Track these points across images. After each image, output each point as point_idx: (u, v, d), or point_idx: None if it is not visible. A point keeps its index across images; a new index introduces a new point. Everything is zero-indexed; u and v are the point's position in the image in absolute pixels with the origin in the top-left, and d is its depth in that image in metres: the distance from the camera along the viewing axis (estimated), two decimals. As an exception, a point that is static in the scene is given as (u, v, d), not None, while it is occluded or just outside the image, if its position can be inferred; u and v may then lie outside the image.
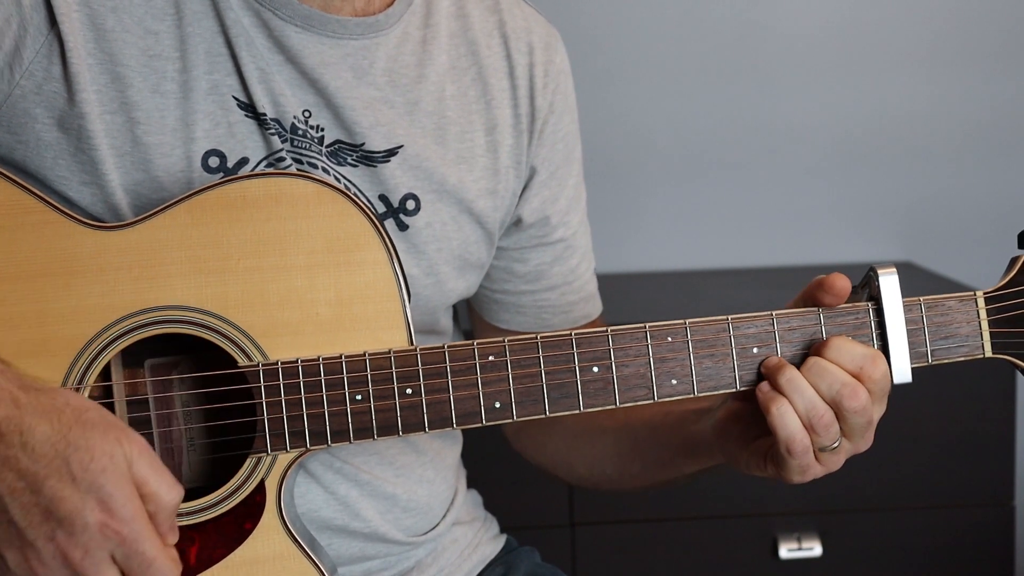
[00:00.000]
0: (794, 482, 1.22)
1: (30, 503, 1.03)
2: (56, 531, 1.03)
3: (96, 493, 1.03)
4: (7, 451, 1.04)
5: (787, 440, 1.17)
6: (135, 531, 1.05)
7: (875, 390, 1.19)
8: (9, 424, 1.04)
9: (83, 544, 1.03)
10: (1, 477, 1.04)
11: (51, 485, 1.03)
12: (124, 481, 1.05)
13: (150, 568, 1.06)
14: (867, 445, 1.22)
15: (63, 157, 1.22)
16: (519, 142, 1.42)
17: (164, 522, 1.08)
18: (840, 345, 1.18)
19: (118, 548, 1.05)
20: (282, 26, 1.28)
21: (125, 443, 1.05)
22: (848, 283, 1.20)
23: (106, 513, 1.03)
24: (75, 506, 1.03)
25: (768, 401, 1.18)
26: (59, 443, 1.04)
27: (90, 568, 1.04)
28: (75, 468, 1.03)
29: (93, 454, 1.04)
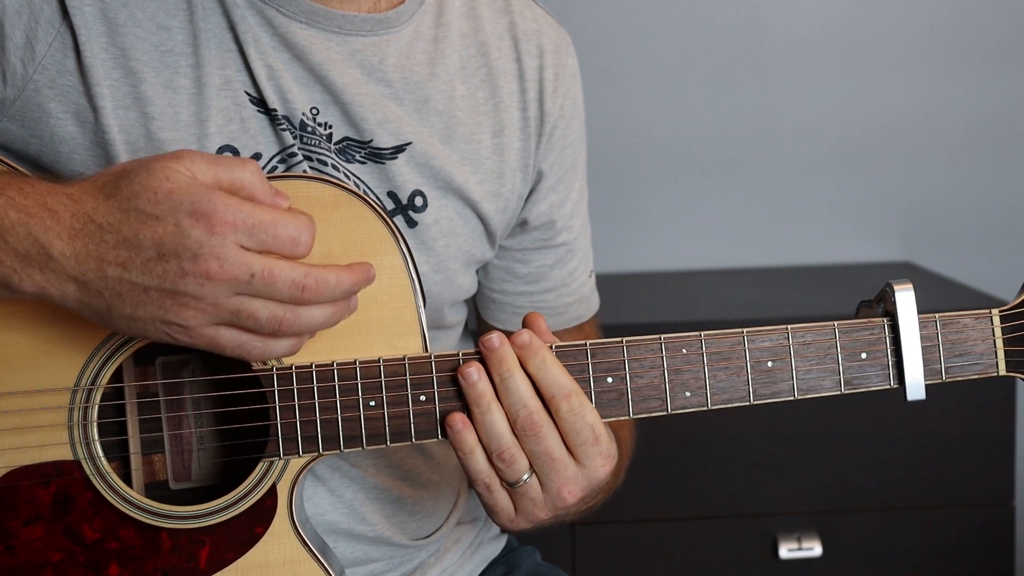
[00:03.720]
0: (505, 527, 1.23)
1: (143, 261, 1.03)
2: (182, 263, 1.03)
3: (182, 212, 1.02)
4: (92, 241, 1.04)
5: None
6: (236, 212, 1.03)
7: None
8: (77, 219, 1.05)
9: (209, 255, 1.03)
10: (106, 261, 1.04)
11: (144, 235, 1.03)
12: (194, 186, 1.03)
13: (277, 228, 1.05)
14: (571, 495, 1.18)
15: (77, 152, 1.22)
16: (527, 145, 1.42)
17: (264, 194, 1.07)
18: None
19: (237, 236, 1.03)
20: (287, 23, 1.28)
21: (172, 162, 1.05)
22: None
23: (204, 219, 1.02)
24: (173, 233, 1.02)
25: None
26: (122, 202, 1.04)
27: (234, 267, 1.03)
28: (149, 208, 1.03)
29: (153, 188, 1.03)
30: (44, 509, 1.16)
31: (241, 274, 1.03)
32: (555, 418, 1.15)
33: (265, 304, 1.06)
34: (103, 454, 1.16)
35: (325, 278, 1.07)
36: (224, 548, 1.17)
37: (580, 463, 1.16)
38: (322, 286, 1.07)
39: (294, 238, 1.06)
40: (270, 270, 1.04)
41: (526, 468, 1.16)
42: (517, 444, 1.15)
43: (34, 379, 1.15)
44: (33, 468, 1.16)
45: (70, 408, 1.16)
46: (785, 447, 2.30)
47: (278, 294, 1.05)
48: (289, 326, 1.07)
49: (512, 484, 1.16)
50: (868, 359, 1.19)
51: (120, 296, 1.05)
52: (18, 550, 1.16)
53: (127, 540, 1.17)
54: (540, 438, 1.14)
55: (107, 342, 1.16)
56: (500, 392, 1.15)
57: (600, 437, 1.16)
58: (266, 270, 1.04)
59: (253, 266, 1.04)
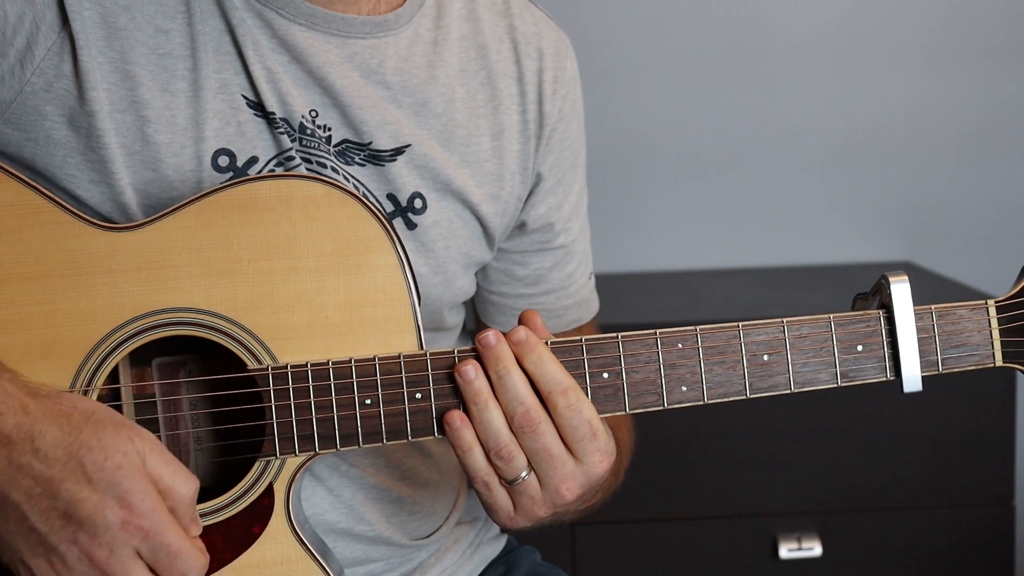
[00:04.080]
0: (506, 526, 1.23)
1: (49, 508, 1.03)
2: (78, 533, 1.03)
3: (114, 491, 1.03)
4: (20, 458, 1.04)
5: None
6: (156, 523, 1.05)
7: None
8: (20, 432, 1.04)
9: (107, 543, 1.03)
10: (18, 484, 1.04)
11: (68, 488, 1.03)
12: (140, 476, 1.04)
13: (177, 558, 1.06)
14: (570, 493, 1.18)
15: (72, 155, 1.22)
16: (526, 148, 1.41)
17: (185, 514, 1.08)
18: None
19: (142, 543, 1.05)
20: (286, 25, 1.28)
21: (136, 440, 1.05)
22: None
23: (126, 510, 1.03)
24: (94, 506, 1.03)
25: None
26: (71, 446, 1.04)
27: (117, 567, 1.04)
28: (90, 469, 1.03)
29: (106, 453, 1.04)
30: (40, 511, 1.16)
31: (119, 574, 1.05)
32: (552, 414, 1.15)
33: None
34: (100, 455, 1.16)
35: None
36: (221, 548, 1.17)
37: (578, 459, 1.16)
38: None
39: (183, 573, 1.08)
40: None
41: (524, 465, 1.16)
42: (515, 441, 1.15)
43: (30, 381, 1.15)
44: (30, 469, 1.16)
45: (66, 409, 1.15)
46: (785, 447, 2.29)
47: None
48: None
49: (511, 482, 1.16)
50: (864, 351, 1.19)
51: (6, 517, 1.05)
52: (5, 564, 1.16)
53: (124, 540, 1.16)
54: (538, 435, 1.14)
55: (103, 343, 1.15)
56: (497, 389, 1.15)
57: (598, 433, 1.16)
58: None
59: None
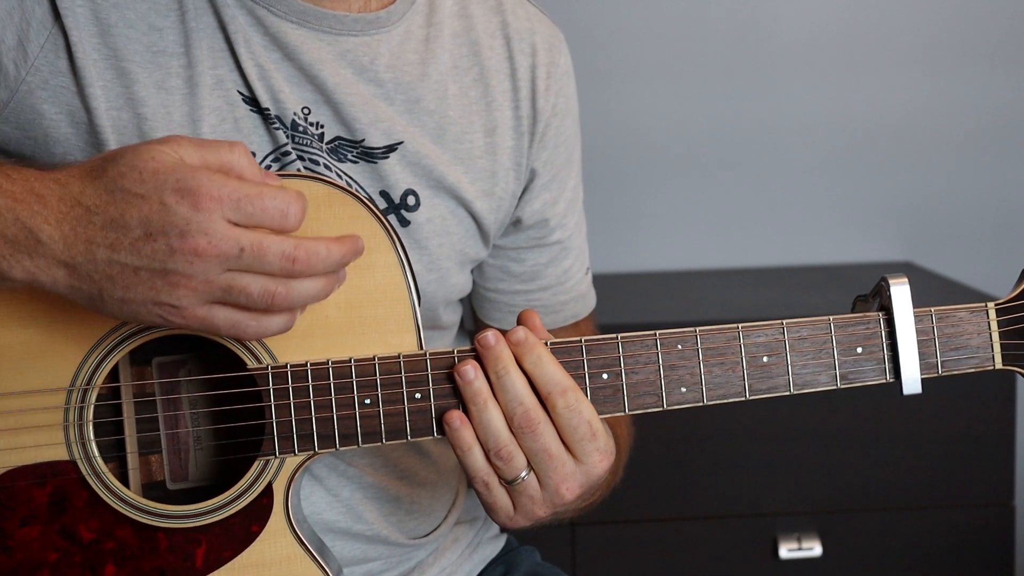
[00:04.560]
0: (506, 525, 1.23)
1: (131, 242, 1.03)
2: (170, 241, 1.02)
3: (167, 189, 1.02)
4: (80, 222, 1.04)
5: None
6: (222, 188, 1.03)
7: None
8: (65, 202, 1.04)
9: (196, 231, 1.02)
10: (96, 243, 1.04)
11: (131, 215, 1.02)
12: (180, 165, 1.03)
13: (264, 201, 1.04)
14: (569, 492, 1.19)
15: (72, 153, 1.22)
16: (519, 144, 1.41)
17: (252, 173, 1.07)
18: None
19: (226, 211, 1.03)
20: (278, 23, 1.28)
21: (160, 145, 1.05)
22: None
23: (189, 195, 1.02)
24: (160, 212, 1.02)
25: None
26: (108, 183, 1.03)
27: (222, 243, 1.02)
28: (135, 188, 1.03)
29: (138, 168, 1.03)
30: (40, 509, 1.16)
31: (230, 249, 1.03)
32: (552, 415, 1.15)
33: (256, 279, 1.05)
34: (99, 454, 1.16)
35: (315, 249, 1.07)
36: (220, 547, 1.17)
37: (578, 459, 1.16)
38: (313, 257, 1.06)
39: (282, 210, 1.05)
40: (259, 243, 1.04)
41: (524, 465, 1.16)
42: (514, 441, 1.15)
43: (29, 379, 1.15)
44: (29, 468, 1.16)
45: (65, 408, 1.15)
46: (785, 447, 2.29)
47: (269, 268, 1.05)
48: (282, 300, 1.06)
49: (510, 482, 1.16)
50: (864, 353, 1.19)
51: (111, 279, 1.04)
52: (14, 551, 1.16)
53: (123, 540, 1.16)
54: (537, 435, 1.14)
55: (103, 341, 1.15)
56: (496, 389, 1.15)
57: (597, 433, 1.16)
58: (255, 244, 1.04)
59: (242, 240, 1.03)
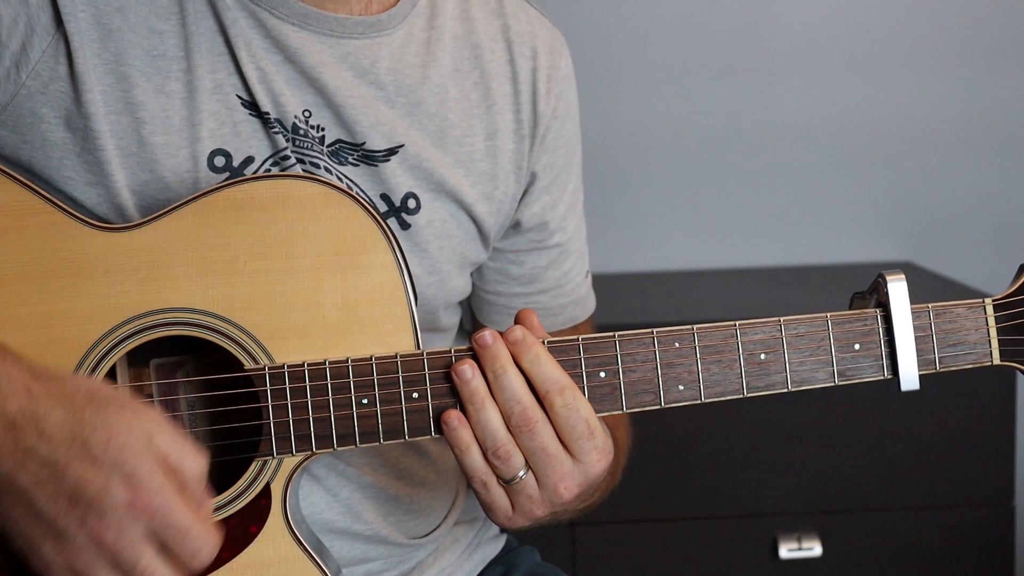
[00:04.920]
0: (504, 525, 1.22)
1: (56, 491, 1.02)
2: (86, 516, 1.01)
3: (120, 470, 1.01)
4: (26, 442, 1.02)
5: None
6: (164, 503, 1.02)
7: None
8: (24, 415, 1.03)
9: (115, 525, 1.01)
10: (24, 468, 1.02)
11: (74, 469, 1.01)
12: (146, 455, 1.02)
13: (187, 537, 1.04)
14: (568, 492, 1.18)
15: (69, 157, 1.22)
16: (520, 147, 1.41)
17: (195, 492, 1.06)
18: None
19: (151, 523, 1.02)
20: (279, 25, 1.28)
21: (142, 418, 1.04)
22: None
23: (132, 489, 1.01)
24: (101, 486, 1.01)
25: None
26: (75, 427, 1.02)
27: (126, 548, 1.02)
28: (95, 449, 1.01)
29: (111, 432, 1.02)
30: (38, 511, 1.16)
31: (128, 558, 1.02)
32: (549, 413, 1.15)
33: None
34: (97, 455, 1.16)
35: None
36: (219, 548, 1.16)
37: (576, 458, 1.16)
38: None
39: (195, 553, 1.05)
40: (152, 574, 1.04)
41: (522, 464, 1.15)
42: (512, 441, 1.15)
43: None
44: (27, 470, 1.16)
45: (63, 409, 1.15)
46: (785, 447, 2.29)
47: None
48: None
49: (508, 481, 1.16)
50: (861, 350, 1.19)
51: (14, 501, 1.03)
52: (15, 556, 1.15)
53: (121, 540, 1.16)
54: (535, 434, 1.14)
55: (100, 343, 1.16)
56: (494, 389, 1.15)
57: (595, 431, 1.16)
58: (147, 572, 1.04)
59: (141, 561, 1.03)
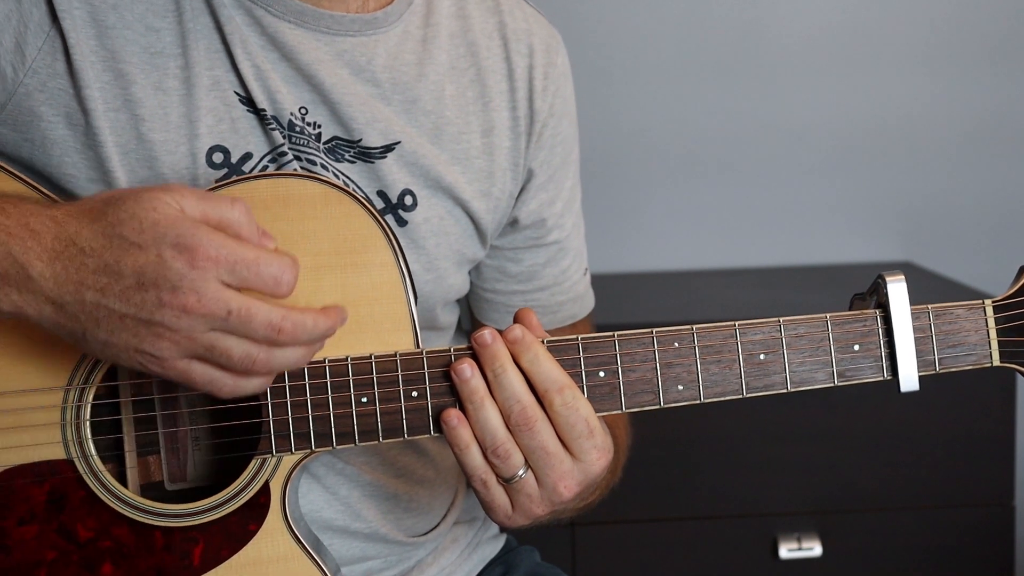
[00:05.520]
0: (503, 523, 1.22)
1: (123, 289, 1.03)
2: (160, 294, 1.02)
3: (165, 242, 1.02)
4: (73, 262, 1.04)
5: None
6: (219, 248, 1.03)
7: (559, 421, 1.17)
8: (60, 241, 1.04)
9: (189, 288, 1.02)
10: (86, 286, 1.03)
11: (126, 263, 1.02)
12: (180, 218, 1.03)
13: (259, 266, 1.04)
14: (568, 491, 1.19)
15: (69, 155, 1.22)
16: (516, 145, 1.42)
17: (250, 233, 1.07)
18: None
19: (220, 271, 1.03)
20: (275, 23, 1.28)
21: (163, 194, 1.05)
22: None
23: (186, 251, 1.02)
24: (156, 264, 1.02)
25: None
26: (106, 229, 1.03)
27: (211, 302, 1.02)
28: (133, 237, 1.02)
29: (138, 217, 1.03)
30: (38, 508, 1.16)
31: (218, 310, 1.03)
32: (549, 412, 1.15)
33: (240, 342, 1.05)
34: (96, 453, 1.16)
35: (302, 321, 1.07)
36: (218, 546, 1.17)
37: (575, 457, 1.16)
38: (299, 329, 1.07)
39: (276, 278, 1.05)
40: (248, 309, 1.04)
41: (521, 463, 1.16)
42: (511, 439, 1.15)
43: (27, 378, 1.15)
44: (27, 467, 1.16)
45: (63, 407, 1.15)
46: (785, 447, 2.29)
47: (254, 334, 1.05)
48: (262, 366, 1.07)
49: (508, 480, 1.16)
50: (861, 351, 1.19)
51: (96, 321, 1.04)
52: (12, 549, 1.16)
53: (120, 539, 1.16)
54: (534, 433, 1.14)
55: (100, 340, 1.16)
56: (493, 388, 1.15)
57: (594, 430, 1.16)
58: (244, 309, 1.04)
59: (231, 303, 1.03)
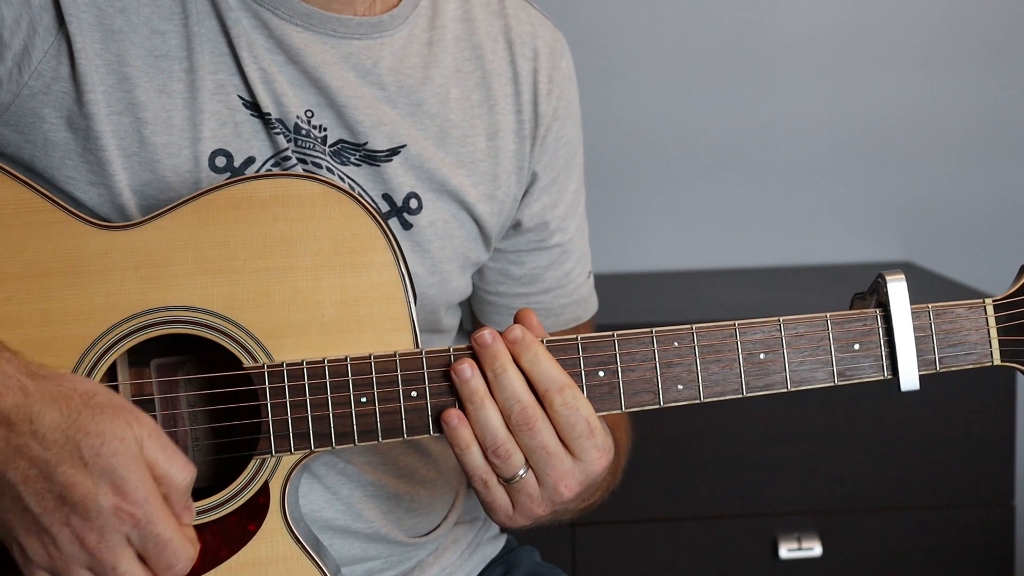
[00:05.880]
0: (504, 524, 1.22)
1: (44, 490, 1.03)
2: (71, 516, 1.03)
3: (108, 476, 1.03)
4: (18, 439, 1.03)
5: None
6: (148, 512, 1.04)
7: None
8: (18, 412, 1.04)
9: (98, 528, 1.03)
10: (14, 465, 1.03)
11: (63, 471, 1.03)
12: (136, 463, 1.04)
13: (166, 549, 1.05)
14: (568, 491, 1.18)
15: (71, 157, 1.22)
16: (521, 148, 1.41)
17: (178, 502, 1.07)
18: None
19: (133, 530, 1.04)
20: (282, 26, 1.28)
21: (135, 425, 1.05)
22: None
23: (119, 496, 1.03)
24: (88, 490, 1.03)
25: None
26: (69, 428, 1.03)
27: (106, 552, 1.04)
28: (86, 453, 1.03)
29: (104, 438, 1.03)
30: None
31: (107, 561, 1.04)
32: (549, 412, 1.15)
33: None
34: (96, 453, 1.16)
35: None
36: (217, 546, 1.17)
37: (576, 457, 1.16)
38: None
39: (171, 564, 1.06)
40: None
41: (522, 463, 1.15)
42: (512, 439, 1.15)
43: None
44: (27, 468, 1.16)
45: (62, 407, 1.15)
46: (785, 447, 2.29)
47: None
48: None
49: (508, 480, 1.16)
50: (861, 350, 1.19)
51: (1, 495, 1.05)
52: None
53: (120, 539, 1.16)
54: (535, 432, 1.14)
55: (99, 341, 1.16)
56: (493, 388, 1.15)
57: (595, 430, 1.16)
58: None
59: (120, 565, 1.05)
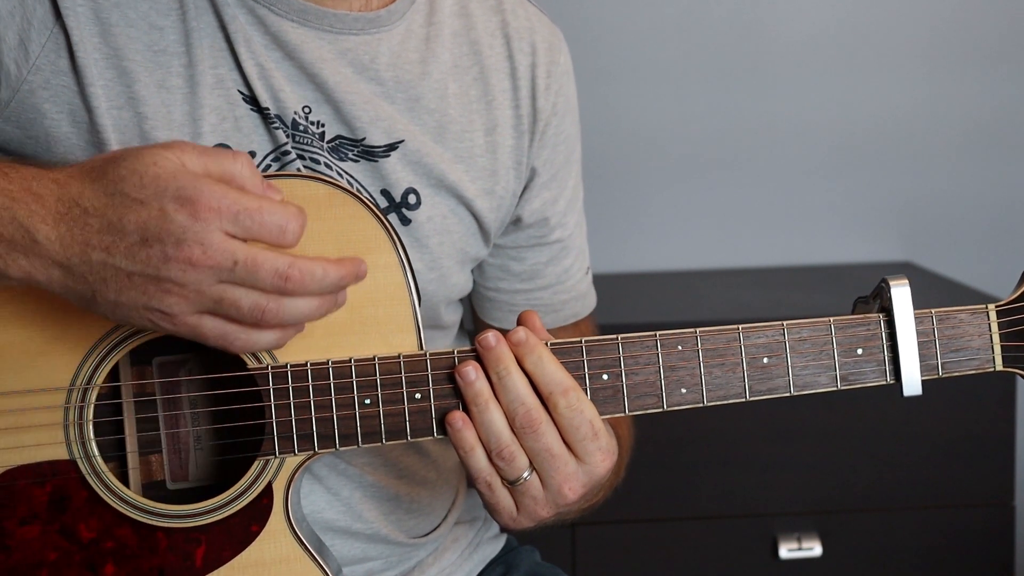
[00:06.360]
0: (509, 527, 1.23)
1: (127, 247, 1.03)
2: (165, 248, 1.02)
3: (166, 196, 1.02)
4: (77, 223, 1.04)
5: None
6: (221, 199, 1.03)
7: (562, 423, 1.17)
8: (63, 202, 1.04)
9: (193, 240, 1.02)
10: (92, 246, 1.03)
11: (128, 220, 1.02)
12: (181, 172, 1.03)
13: (263, 215, 1.04)
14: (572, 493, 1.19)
15: (73, 152, 1.22)
16: (520, 143, 1.41)
17: (254, 185, 1.06)
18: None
19: (223, 222, 1.03)
20: (279, 22, 1.28)
21: (164, 150, 1.05)
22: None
23: (188, 204, 1.02)
24: (157, 218, 1.02)
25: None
26: (108, 186, 1.03)
27: (216, 254, 1.02)
28: (133, 192, 1.02)
29: (139, 173, 1.03)
30: (40, 508, 1.16)
31: (224, 261, 1.03)
32: (553, 415, 1.15)
33: (248, 293, 1.05)
34: (99, 453, 1.16)
35: (310, 269, 1.06)
36: (220, 547, 1.17)
37: (580, 459, 1.16)
38: (307, 277, 1.06)
39: (281, 226, 1.05)
40: (253, 258, 1.04)
41: (526, 466, 1.16)
42: (516, 442, 1.15)
43: (30, 378, 1.15)
44: (29, 468, 1.16)
45: (65, 407, 1.15)
46: (785, 447, 2.29)
47: (261, 283, 1.04)
48: (272, 316, 1.06)
49: (513, 482, 1.16)
50: (864, 355, 1.19)
51: (104, 281, 1.04)
52: (14, 550, 1.16)
53: (123, 539, 1.16)
54: (539, 435, 1.14)
55: (103, 340, 1.16)
56: (498, 390, 1.15)
57: (599, 432, 1.16)
58: (249, 258, 1.03)
59: (236, 254, 1.03)
